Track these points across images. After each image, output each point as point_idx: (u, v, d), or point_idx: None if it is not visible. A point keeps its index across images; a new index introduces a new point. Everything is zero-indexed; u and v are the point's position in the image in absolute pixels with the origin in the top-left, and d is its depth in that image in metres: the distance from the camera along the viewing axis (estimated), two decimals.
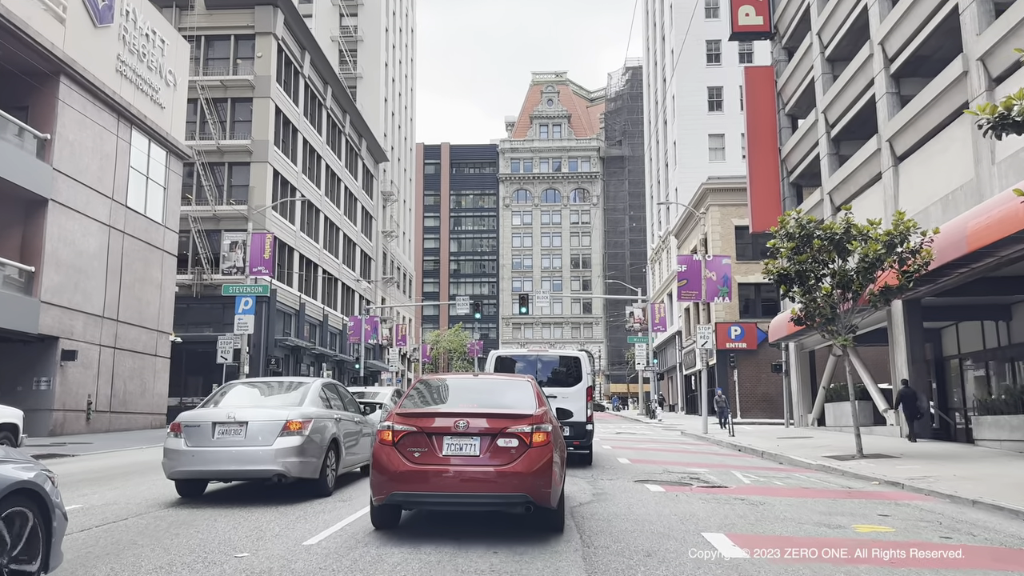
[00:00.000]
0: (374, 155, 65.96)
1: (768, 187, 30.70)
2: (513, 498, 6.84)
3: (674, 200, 58.64)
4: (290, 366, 44.86)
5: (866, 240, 15.80)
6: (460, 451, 6.92)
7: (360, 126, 60.67)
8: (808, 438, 23.29)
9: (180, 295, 39.86)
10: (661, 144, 64.35)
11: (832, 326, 16.49)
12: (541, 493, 6.83)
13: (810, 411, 29.55)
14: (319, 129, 51.45)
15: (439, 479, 6.84)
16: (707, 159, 53.83)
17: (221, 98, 42.52)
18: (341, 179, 56.16)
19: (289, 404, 10.04)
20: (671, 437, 27.47)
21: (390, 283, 69.65)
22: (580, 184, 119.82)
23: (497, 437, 6.90)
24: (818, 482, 12.64)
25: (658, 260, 66.15)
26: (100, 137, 26.86)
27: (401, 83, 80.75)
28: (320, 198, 50.67)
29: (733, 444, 21.71)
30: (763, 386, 42.40)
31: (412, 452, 6.94)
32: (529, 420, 7.04)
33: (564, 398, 13.99)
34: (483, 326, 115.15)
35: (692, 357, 50.71)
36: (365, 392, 17.98)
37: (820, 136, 26.84)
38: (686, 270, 27.99)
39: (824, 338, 17.32)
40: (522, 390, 7.91)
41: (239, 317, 29.59)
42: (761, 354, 42.62)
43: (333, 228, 54.08)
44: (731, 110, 56.14)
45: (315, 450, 9.71)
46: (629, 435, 28.01)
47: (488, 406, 7.32)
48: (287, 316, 44.77)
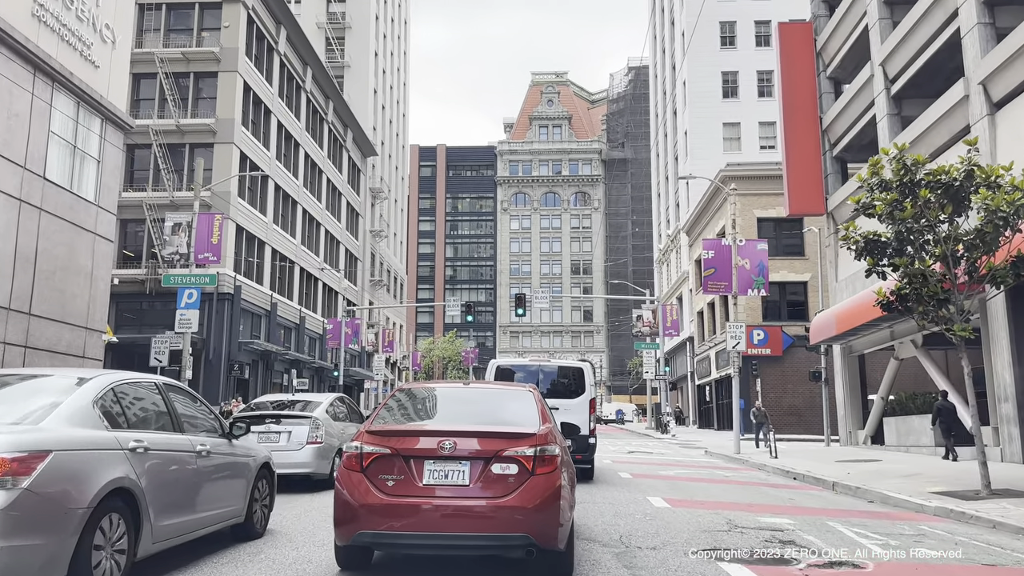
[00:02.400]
0: (361, 148, 61.41)
1: (807, 163, 26.13)
2: (511, 539, 5.47)
3: (685, 197, 54.10)
4: (259, 373, 40.12)
5: (996, 189, 11.19)
6: (445, 479, 5.56)
7: (345, 115, 56.16)
8: (875, 461, 18.57)
9: (132, 292, 35.25)
10: (670, 137, 59.85)
11: (944, 310, 11.83)
12: (546, 533, 5.49)
13: (860, 426, 24.84)
14: (297, 113, 46.91)
15: (418, 515, 5.45)
16: (721, 149, 49.29)
17: (183, 72, 38.00)
18: (323, 170, 51.58)
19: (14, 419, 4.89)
20: (696, 458, 22.75)
21: (378, 286, 64.95)
22: (581, 187, 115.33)
23: (491, 462, 5.58)
24: (978, 544, 7.95)
25: (666, 261, 61.52)
26: (8, 92, 22.18)
27: (393, 76, 76.35)
28: (297, 189, 46.06)
29: (782, 469, 17.00)
30: (790, 397, 37.69)
31: (385, 480, 5.57)
32: (531, 441, 5.67)
33: (567, 410, 13.40)
34: (480, 334, 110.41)
35: (706, 365, 45.99)
36: (293, 400, 13.47)
37: (877, 94, 22.26)
38: (713, 257, 23.35)
39: (922, 326, 12.61)
40: (523, 403, 6.53)
41: (181, 312, 24.89)
42: (787, 361, 37.93)
43: (313, 223, 49.44)
44: (747, 96, 51.67)
45: (46, 521, 4.47)
46: (645, 455, 23.29)
47: (481, 422, 6.02)
48: (256, 317, 40.06)
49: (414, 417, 6.64)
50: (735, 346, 22.76)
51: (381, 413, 6.25)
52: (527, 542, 5.43)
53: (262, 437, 11.58)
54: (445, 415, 6.57)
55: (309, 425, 12.07)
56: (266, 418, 12.19)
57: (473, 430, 5.72)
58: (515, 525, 5.40)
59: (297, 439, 11.93)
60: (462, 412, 6.43)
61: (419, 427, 6.12)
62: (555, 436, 6.06)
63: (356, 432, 6.16)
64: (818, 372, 27.75)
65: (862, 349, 24.71)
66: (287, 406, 13.09)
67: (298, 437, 11.94)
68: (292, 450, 11.82)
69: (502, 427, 5.85)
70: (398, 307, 65.50)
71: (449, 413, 6.56)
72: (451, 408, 6.70)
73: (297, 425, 12.08)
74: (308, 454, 11.90)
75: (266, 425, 11.99)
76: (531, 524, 5.42)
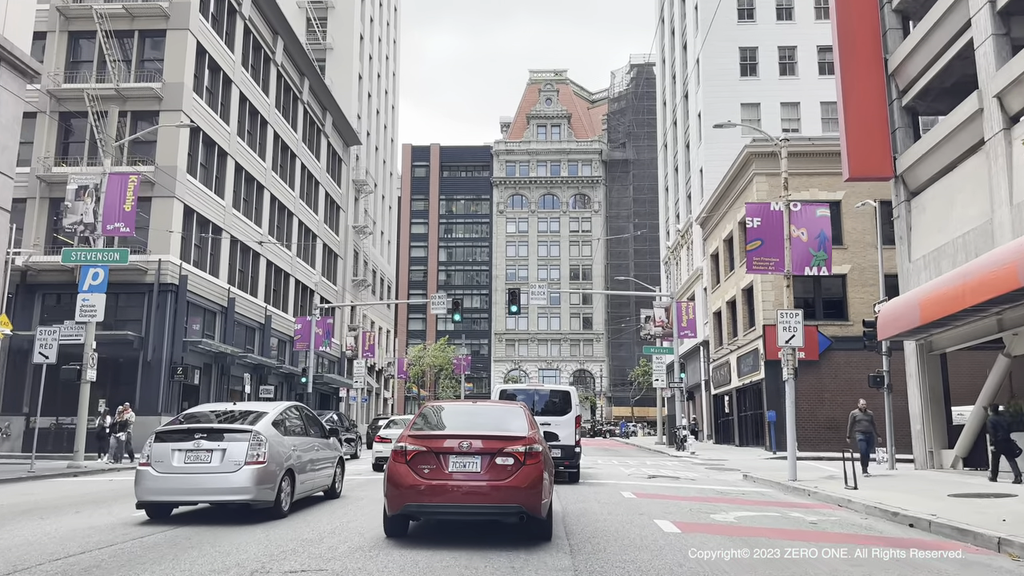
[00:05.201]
0: (343, 135, 56.25)
1: (869, 116, 20.98)
2: (509, 508, 8.06)
3: (698, 187, 48.96)
4: (212, 379, 34.77)
5: None
6: (464, 468, 8.10)
7: (324, 96, 51.02)
8: (1006, 496, 13.25)
9: (61, 283, 30.00)
10: (680, 124, 54.77)
11: None
12: (532, 504, 8.04)
13: (944, 444, 19.54)
14: (265, 88, 41.78)
15: (446, 492, 8.01)
16: (739, 131, 44.05)
17: (125, 31, 32.88)
18: (296, 154, 46.38)
19: None
20: (738, 485, 17.45)
21: (362, 286, 59.62)
22: (580, 189, 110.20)
23: (495, 456, 8.09)
24: None
25: (675, 260, 56.26)
26: None
27: (382, 64, 71.31)
28: (264, 172, 40.83)
29: (880, 508, 11.67)
30: (827, 408, 32.37)
31: (423, 469, 8.09)
32: (523, 442, 8.26)
33: (557, 425, 16.45)
34: (474, 342, 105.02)
35: (725, 372, 40.69)
36: (236, 411, 11.28)
37: (975, 12, 17.09)
38: (759, 226, 18.10)
39: None
40: (516, 416, 9.18)
41: (84, 297, 19.68)
42: (824, 366, 32.65)
43: (283, 212, 44.20)
44: (768, 74, 46.62)
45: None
46: (669, 482, 17.98)
47: (487, 429, 8.60)
48: (208, 314, 34.75)
49: (440, 425, 9.18)
50: (789, 340, 17.61)
51: (417, 422, 9.08)
52: (520, 511, 8.05)
53: (190, 456, 9.89)
54: (462, 424, 9.04)
55: (249, 441, 10.00)
56: (196, 433, 10.04)
57: (483, 434, 8.37)
58: (511, 499, 7.99)
59: (233, 458, 9.88)
60: (474, 422, 9.07)
61: (445, 432, 8.68)
62: (540, 439, 8.79)
63: (399, 434, 8.91)
64: (879, 376, 22.41)
65: (947, 346, 19.44)
66: (231, 417, 10.95)
67: (234, 455, 9.89)
68: (226, 472, 9.80)
69: (503, 432, 8.50)
70: (376, 304, 59.83)
71: (465, 423, 9.09)
72: (466, 419, 9.36)
73: (234, 441, 10.01)
74: (246, 477, 9.81)
75: (195, 441, 9.95)
76: (522, 498, 7.99)
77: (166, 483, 9.70)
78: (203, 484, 9.73)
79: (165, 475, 9.71)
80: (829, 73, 46.45)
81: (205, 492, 9.80)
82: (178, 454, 9.82)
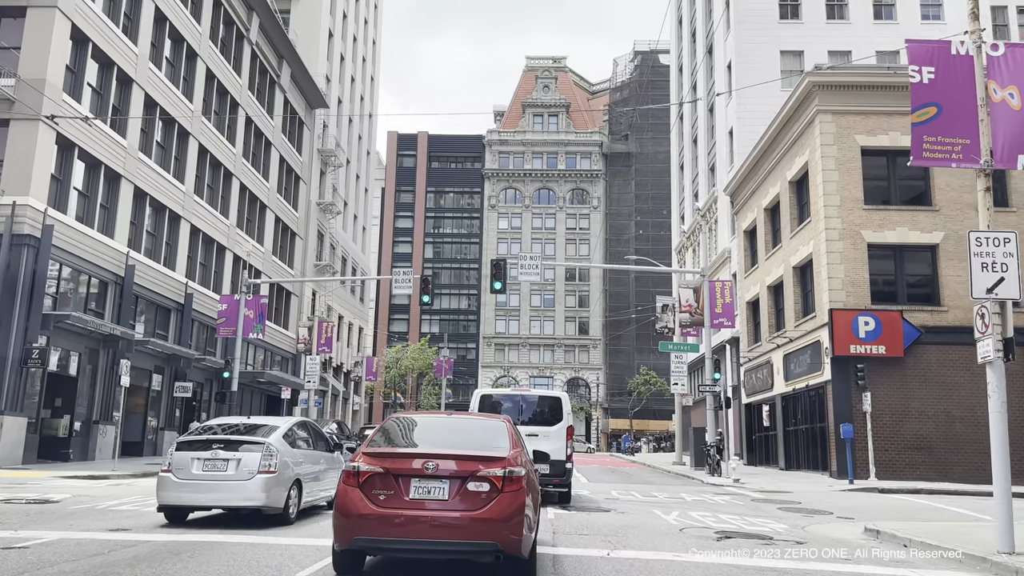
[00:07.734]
0: (306, 94, 47.97)
1: None
2: (483, 546, 6.54)
3: (727, 152, 40.83)
4: (100, 368, 26.35)
5: None
6: (428, 494, 6.64)
7: (280, 41, 42.83)
8: None
9: None
10: (702, 85, 46.72)
11: None
12: (511, 541, 6.53)
13: None
14: (196, 13, 33.52)
15: (404, 524, 6.55)
16: (778, 87, 36.10)
17: None
18: (240, 103, 38.08)
19: None
20: (893, 563, 9.15)
21: (326, 272, 51.17)
22: (579, 184, 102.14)
23: (467, 480, 6.64)
24: None
25: (692, 246, 48.00)
26: None
27: (359, 27, 63.25)
28: (189, 115, 32.50)
29: None
30: (916, 422, 24.09)
31: (378, 495, 6.66)
32: (502, 463, 6.75)
33: (545, 436, 14.76)
34: (461, 345, 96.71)
35: (765, 375, 32.44)
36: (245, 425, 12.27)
37: None
38: (931, 82, 9.85)
39: None
40: (496, 431, 7.67)
41: None
42: (910, 364, 24.44)
43: (218, 169, 35.87)
44: (813, 17, 38.69)
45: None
46: (762, 550, 9.67)
47: (459, 447, 7.04)
48: (98, 284, 26.41)
49: (402, 442, 7.64)
50: (994, 287, 9.39)
51: (376, 437, 7.46)
52: (495, 549, 6.49)
53: (207, 465, 10.72)
54: (429, 440, 7.51)
55: (262, 452, 10.80)
56: (213, 443, 10.91)
57: (452, 453, 6.79)
58: (485, 534, 6.45)
59: (247, 467, 10.67)
60: (444, 438, 7.47)
61: (407, 450, 7.19)
62: (524, 460, 7.19)
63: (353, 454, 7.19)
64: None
65: None
66: (246, 430, 11.77)
67: (248, 465, 10.68)
68: (240, 480, 10.63)
69: (477, 451, 6.93)
70: (330, 281, 50.83)
71: (433, 439, 7.54)
72: (434, 435, 7.80)
73: (249, 452, 10.82)
74: (259, 485, 10.60)
75: (213, 451, 10.81)
76: (499, 533, 6.45)
77: (185, 489, 10.52)
78: (219, 490, 10.57)
79: (185, 481, 10.55)
80: (886, 18, 38.55)
81: (221, 498, 10.64)
82: (197, 462, 10.61)
